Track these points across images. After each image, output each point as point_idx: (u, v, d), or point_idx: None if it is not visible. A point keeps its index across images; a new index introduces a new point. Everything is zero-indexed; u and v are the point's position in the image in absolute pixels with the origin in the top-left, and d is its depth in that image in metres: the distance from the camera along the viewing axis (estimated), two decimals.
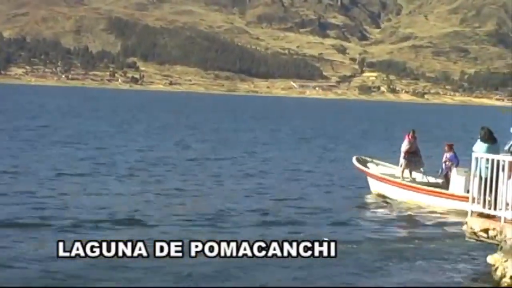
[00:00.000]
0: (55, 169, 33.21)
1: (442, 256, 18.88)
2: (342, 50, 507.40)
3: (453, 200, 27.00)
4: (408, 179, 29.75)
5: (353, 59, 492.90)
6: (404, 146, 29.84)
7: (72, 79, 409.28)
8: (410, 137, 29.94)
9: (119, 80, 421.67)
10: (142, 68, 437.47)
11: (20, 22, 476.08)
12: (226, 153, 46.65)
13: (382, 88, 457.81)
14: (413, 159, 29.76)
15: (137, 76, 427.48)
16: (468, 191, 25.17)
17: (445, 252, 19.41)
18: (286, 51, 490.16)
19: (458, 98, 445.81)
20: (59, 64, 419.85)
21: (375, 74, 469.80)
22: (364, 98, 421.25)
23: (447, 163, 28.36)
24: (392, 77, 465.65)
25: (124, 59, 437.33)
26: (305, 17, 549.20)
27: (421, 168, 30.12)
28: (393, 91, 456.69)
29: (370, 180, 30.86)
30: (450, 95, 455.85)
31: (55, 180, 30.16)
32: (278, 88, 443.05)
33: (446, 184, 28.13)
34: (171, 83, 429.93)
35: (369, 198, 29.76)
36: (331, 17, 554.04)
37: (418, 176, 30.06)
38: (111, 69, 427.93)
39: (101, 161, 38.32)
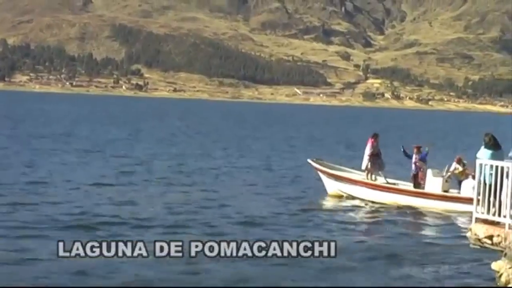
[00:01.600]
0: (93, 178, 32.94)
1: (445, 262, 19.04)
2: (346, 57, 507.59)
3: (433, 200, 28.25)
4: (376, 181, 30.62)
5: (357, 66, 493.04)
6: (368, 149, 30.65)
7: (77, 86, 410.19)
8: (373, 140, 30.85)
9: (123, 87, 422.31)
10: (146, 75, 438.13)
11: (25, 29, 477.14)
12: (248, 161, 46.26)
13: (386, 95, 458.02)
14: (377, 161, 30.67)
15: (141, 83, 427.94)
16: (445, 191, 28.35)
17: (448, 257, 19.57)
18: (290, 58, 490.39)
19: (462, 105, 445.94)
20: (63, 71, 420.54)
21: (379, 80, 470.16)
22: (368, 105, 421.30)
23: (417, 164, 29.45)
24: (396, 83, 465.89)
25: (128, 66, 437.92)
26: (309, 24, 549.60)
27: (381, 171, 30.95)
28: (397, 97, 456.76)
29: (330, 181, 31.24)
30: (454, 101, 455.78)
31: (98, 187, 30.26)
32: (282, 94, 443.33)
33: (416, 184, 29.33)
34: (175, 90, 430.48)
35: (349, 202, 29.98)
36: (335, 24, 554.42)
37: (379, 178, 30.85)
38: (115, 76, 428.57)
39: (131, 169, 38.15)
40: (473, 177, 26.28)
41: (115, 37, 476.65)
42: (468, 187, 27.27)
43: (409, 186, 29.78)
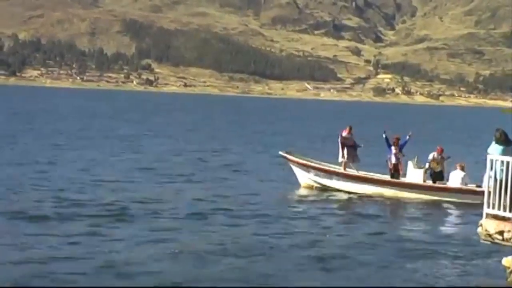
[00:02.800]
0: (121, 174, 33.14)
1: (455, 257, 19.04)
2: (357, 52, 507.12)
3: (416, 190, 29.37)
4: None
5: (367, 61, 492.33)
6: (342, 138, 31.32)
7: (87, 80, 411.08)
8: (347, 132, 31.49)
9: (134, 82, 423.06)
10: (157, 70, 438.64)
11: (35, 24, 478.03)
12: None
13: (397, 90, 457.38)
14: (353, 153, 31.30)
15: (151, 78, 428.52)
16: (424, 181, 29.48)
17: (458, 252, 19.55)
18: (301, 53, 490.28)
19: (473, 100, 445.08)
20: (74, 66, 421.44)
21: (389, 76, 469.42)
22: (379, 100, 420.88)
23: (397, 155, 30.30)
24: (406, 79, 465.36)
25: (138, 61, 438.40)
26: (319, 19, 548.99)
27: (354, 163, 31.50)
28: (408, 93, 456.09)
29: (304, 173, 31.57)
30: (465, 97, 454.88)
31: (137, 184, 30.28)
32: (293, 90, 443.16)
33: (395, 175, 30.28)
34: (185, 85, 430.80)
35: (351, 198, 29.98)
36: (345, 19, 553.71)
37: (350, 170, 31.40)
38: (125, 70, 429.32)
39: (151, 165, 37.98)
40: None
41: (125, 32, 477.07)
42: (456, 179, 28.97)
43: (385, 177, 30.53)
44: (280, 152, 32.89)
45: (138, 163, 37.69)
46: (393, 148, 30.46)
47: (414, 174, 29.66)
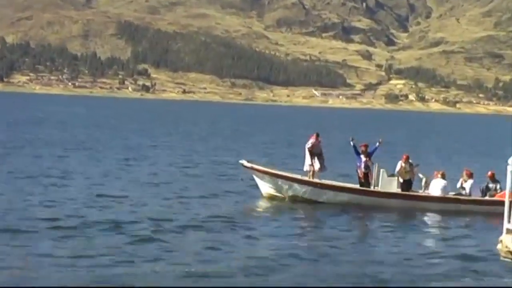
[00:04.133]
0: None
1: (473, 276, 18.71)
2: (368, 56, 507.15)
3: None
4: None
5: (379, 66, 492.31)
6: (309, 144, 31.89)
7: (79, 87, 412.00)
8: (314, 139, 32.09)
9: (129, 88, 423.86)
10: (154, 75, 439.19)
11: (24, 27, 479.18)
12: None
13: (411, 97, 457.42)
14: (320, 162, 31.84)
15: (148, 84, 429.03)
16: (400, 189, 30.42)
17: (477, 268, 19.31)
18: (308, 57, 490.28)
19: (492, 107, 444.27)
20: (65, 71, 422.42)
21: (402, 81, 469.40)
22: (391, 107, 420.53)
23: (368, 163, 30.94)
24: (421, 84, 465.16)
25: (134, 65, 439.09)
26: (327, 21, 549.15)
27: (320, 172, 31.93)
28: (422, 99, 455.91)
29: (267, 182, 31.55)
30: (484, 104, 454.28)
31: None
32: (299, 96, 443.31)
33: (365, 183, 30.90)
34: (184, 91, 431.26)
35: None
36: (355, 21, 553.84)
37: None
38: (120, 76, 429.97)
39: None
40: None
41: (120, 35, 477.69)
42: (437, 187, 30.24)
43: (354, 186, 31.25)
44: (241, 161, 32.38)
45: (149, 177, 37.66)
46: (362, 156, 31.01)
47: (388, 183, 30.48)
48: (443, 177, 30.48)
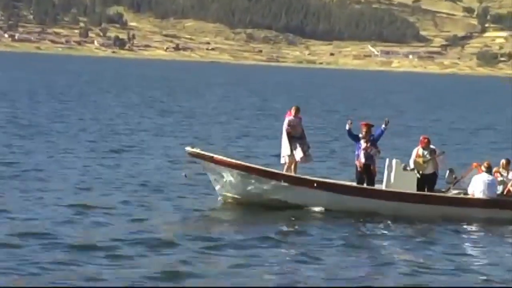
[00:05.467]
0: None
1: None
2: None
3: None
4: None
5: (469, 11, 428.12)
6: (285, 124, 27.13)
7: (21, 40, 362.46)
8: (293, 114, 27.22)
9: (95, 42, 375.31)
10: (132, 24, 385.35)
11: None
12: None
13: None
14: (301, 148, 27.02)
15: (124, 36, 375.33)
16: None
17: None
18: None
19: None
20: (0, 17, 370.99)
21: (504, 33, 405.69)
22: (486, 72, 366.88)
23: (368, 150, 26.44)
24: None
25: (103, 9, 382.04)
26: None
27: (305, 162, 27.83)
28: None
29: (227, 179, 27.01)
30: None
31: None
32: (349, 55, 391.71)
33: (365, 178, 26.67)
34: (177, 48, 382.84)
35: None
36: None
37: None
38: (82, 24, 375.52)
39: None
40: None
41: None
42: (482, 185, 25.51)
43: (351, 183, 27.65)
44: (187, 148, 26.76)
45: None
46: (362, 141, 26.52)
47: (403, 180, 25.93)
48: (488, 170, 25.82)
